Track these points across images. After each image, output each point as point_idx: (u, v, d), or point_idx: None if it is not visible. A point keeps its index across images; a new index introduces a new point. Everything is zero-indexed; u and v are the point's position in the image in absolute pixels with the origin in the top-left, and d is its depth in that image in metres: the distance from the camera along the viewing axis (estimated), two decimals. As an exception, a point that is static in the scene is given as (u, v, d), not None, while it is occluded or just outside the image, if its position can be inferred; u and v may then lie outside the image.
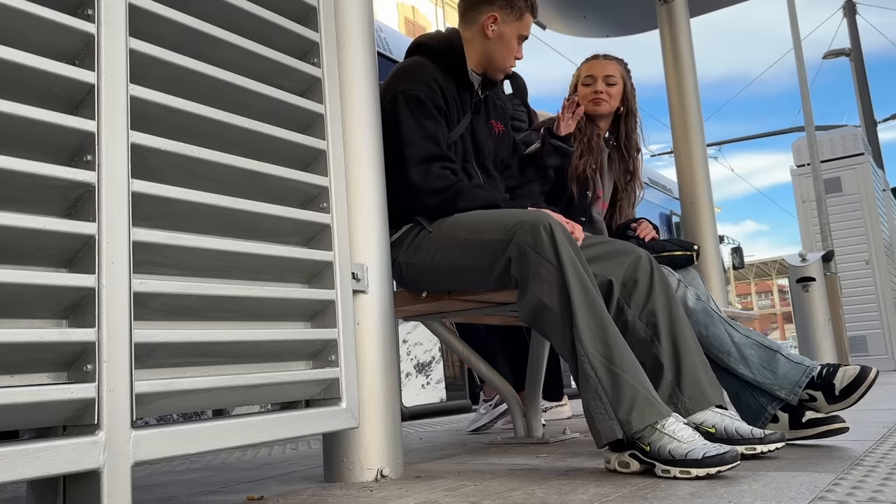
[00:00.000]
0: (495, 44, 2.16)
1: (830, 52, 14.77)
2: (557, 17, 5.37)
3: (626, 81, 2.69)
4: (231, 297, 1.27)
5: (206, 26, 1.29)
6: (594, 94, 2.63)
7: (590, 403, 1.55)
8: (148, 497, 1.74)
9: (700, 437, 1.48)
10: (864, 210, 8.29)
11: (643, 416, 1.49)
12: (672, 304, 1.81)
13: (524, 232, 1.71)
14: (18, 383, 1.00)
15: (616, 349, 1.56)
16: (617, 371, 1.53)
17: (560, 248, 1.65)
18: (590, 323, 1.58)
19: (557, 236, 1.67)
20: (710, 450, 1.43)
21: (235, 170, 1.31)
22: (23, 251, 1.02)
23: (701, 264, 4.30)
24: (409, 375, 4.72)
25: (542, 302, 1.65)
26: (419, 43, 2.21)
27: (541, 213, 1.76)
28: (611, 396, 1.52)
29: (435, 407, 4.83)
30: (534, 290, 1.66)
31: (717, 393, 1.73)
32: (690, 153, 4.40)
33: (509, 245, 1.73)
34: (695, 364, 1.73)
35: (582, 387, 1.57)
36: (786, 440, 1.69)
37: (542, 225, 1.69)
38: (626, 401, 1.50)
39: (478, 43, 2.16)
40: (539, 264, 1.66)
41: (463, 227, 1.89)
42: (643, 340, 1.78)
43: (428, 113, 2.01)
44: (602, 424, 1.52)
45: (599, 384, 1.53)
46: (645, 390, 1.53)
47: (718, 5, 5.27)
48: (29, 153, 1.02)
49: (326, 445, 1.67)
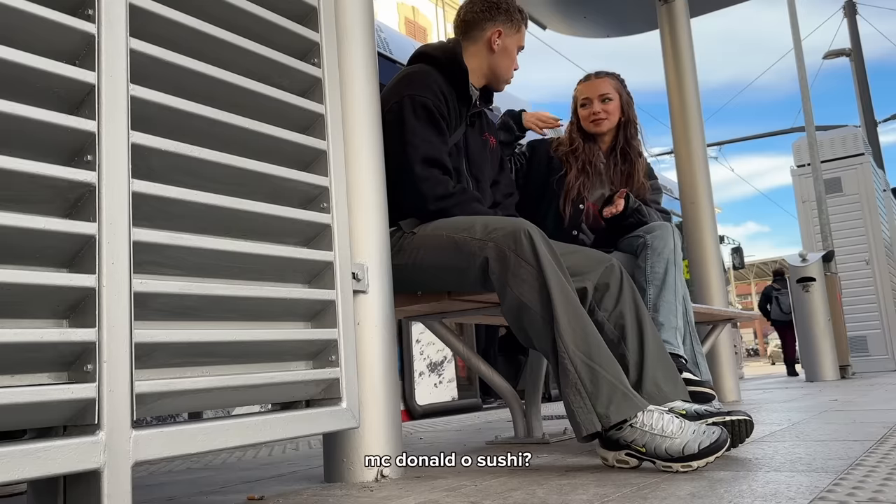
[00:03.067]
0: (500, 57, 2.26)
1: (831, 52, 14.78)
2: (557, 17, 5.37)
3: (622, 93, 2.78)
4: (231, 297, 1.27)
5: (206, 26, 1.29)
6: (593, 115, 2.74)
7: (570, 398, 1.62)
8: (148, 497, 1.74)
9: (688, 424, 1.55)
10: (865, 210, 8.30)
11: (620, 409, 1.57)
12: (639, 308, 1.92)
13: (505, 235, 1.78)
14: (19, 383, 1.00)
15: (594, 346, 1.65)
16: (595, 367, 1.62)
17: (539, 250, 1.72)
18: (570, 321, 1.66)
19: (536, 240, 1.74)
20: (703, 439, 1.50)
21: (236, 170, 1.31)
22: (23, 251, 1.02)
23: (701, 264, 4.31)
24: (422, 374, 4.81)
25: (521, 302, 1.71)
26: (424, 52, 2.26)
27: (521, 221, 1.83)
28: (590, 391, 1.60)
29: (447, 405, 4.95)
30: (513, 290, 1.73)
31: (675, 391, 1.80)
32: (691, 153, 4.41)
33: (487, 245, 1.79)
34: (655, 365, 1.82)
35: (562, 382, 1.65)
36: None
37: (521, 230, 1.76)
38: (604, 395, 1.59)
39: (483, 57, 2.26)
40: (518, 265, 1.73)
41: (446, 227, 1.94)
42: (611, 341, 1.87)
43: (434, 121, 2.06)
44: (581, 417, 1.60)
45: (579, 379, 1.61)
46: (622, 385, 1.62)
47: (719, 5, 5.28)
48: (29, 153, 1.02)
49: (327, 445, 1.67)
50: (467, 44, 2.27)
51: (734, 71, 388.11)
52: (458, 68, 2.18)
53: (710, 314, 3.43)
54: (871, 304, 8.18)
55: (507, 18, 2.25)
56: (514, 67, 2.30)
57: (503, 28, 2.25)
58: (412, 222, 2.01)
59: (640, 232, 2.58)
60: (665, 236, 2.49)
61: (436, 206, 1.99)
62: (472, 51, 2.25)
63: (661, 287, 2.43)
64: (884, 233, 8.43)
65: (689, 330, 2.48)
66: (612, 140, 2.78)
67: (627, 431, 1.57)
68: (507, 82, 2.33)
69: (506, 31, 2.25)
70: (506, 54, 2.26)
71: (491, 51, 2.24)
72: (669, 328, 2.36)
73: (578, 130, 2.78)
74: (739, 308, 14.64)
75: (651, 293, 2.43)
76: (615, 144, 2.77)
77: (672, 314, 2.39)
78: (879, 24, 17.68)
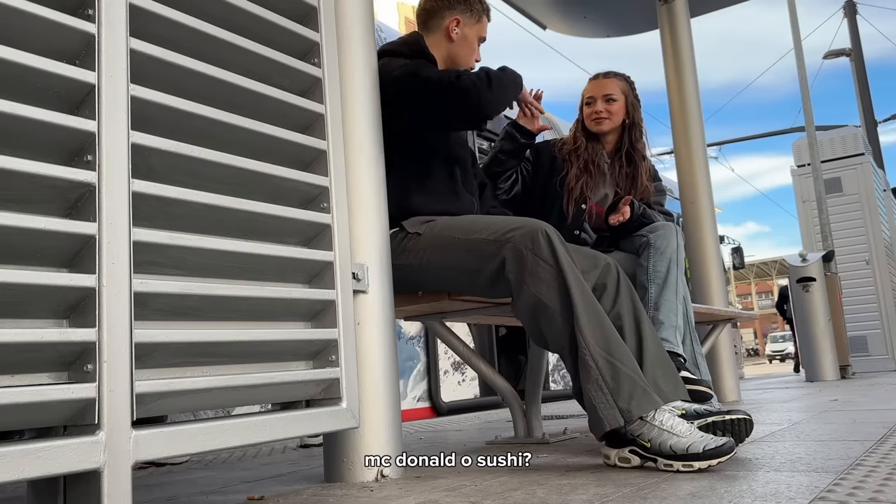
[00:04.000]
0: (459, 45, 2.26)
1: (831, 51, 14.78)
2: (558, 17, 5.37)
3: (629, 95, 2.78)
4: (231, 297, 1.27)
5: (206, 26, 1.29)
6: (595, 114, 2.75)
7: (592, 394, 1.63)
8: (148, 497, 1.74)
9: (696, 429, 1.57)
10: (865, 210, 8.29)
11: (641, 404, 1.59)
12: (637, 308, 1.92)
13: (522, 235, 1.78)
14: (19, 383, 1.00)
15: (614, 343, 1.67)
16: (616, 363, 1.63)
17: (557, 249, 1.74)
18: (590, 318, 1.68)
19: (554, 240, 1.76)
20: (709, 442, 1.51)
21: (236, 170, 1.31)
22: (23, 251, 1.02)
23: (701, 264, 4.32)
24: (447, 373, 4.90)
25: (539, 300, 1.72)
26: (386, 50, 2.22)
27: (537, 221, 1.83)
28: (611, 387, 1.61)
29: (470, 402, 5.05)
30: (531, 289, 1.73)
31: (674, 390, 1.79)
32: (691, 153, 4.40)
33: (504, 246, 1.79)
34: (655, 365, 1.82)
35: (583, 378, 1.65)
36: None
37: (539, 230, 1.77)
38: (625, 391, 1.60)
39: (442, 46, 2.26)
40: (536, 265, 1.74)
41: (457, 228, 1.93)
42: None
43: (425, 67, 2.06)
44: (605, 412, 1.61)
45: (600, 375, 1.63)
46: (641, 381, 1.64)
47: (719, 5, 5.27)
48: (29, 153, 1.02)
49: (327, 445, 1.67)
50: (427, 34, 2.26)
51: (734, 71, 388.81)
52: (425, 59, 2.17)
53: (710, 314, 3.43)
54: (871, 304, 8.17)
55: (465, 7, 2.25)
56: (476, 59, 2.30)
57: (461, 17, 2.24)
58: (416, 223, 2.00)
59: (643, 231, 2.59)
60: (668, 236, 2.50)
61: (488, 96, 1.97)
62: (431, 40, 2.25)
63: (662, 286, 2.44)
64: (884, 233, 8.42)
65: (690, 330, 2.48)
66: (616, 141, 2.79)
67: (636, 424, 1.58)
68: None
69: (464, 20, 2.24)
70: (465, 43, 2.25)
71: (450, 39, 2.24)
72: (669, 327, 2.36)
73: (583, 130, 2.79)
74: (739, 308, 14.64)
75: (652, 291, 2.44)
76: (620, 146, 2.78)
77: (672, 313, 2.39)
78: (879, 24, 17.67)
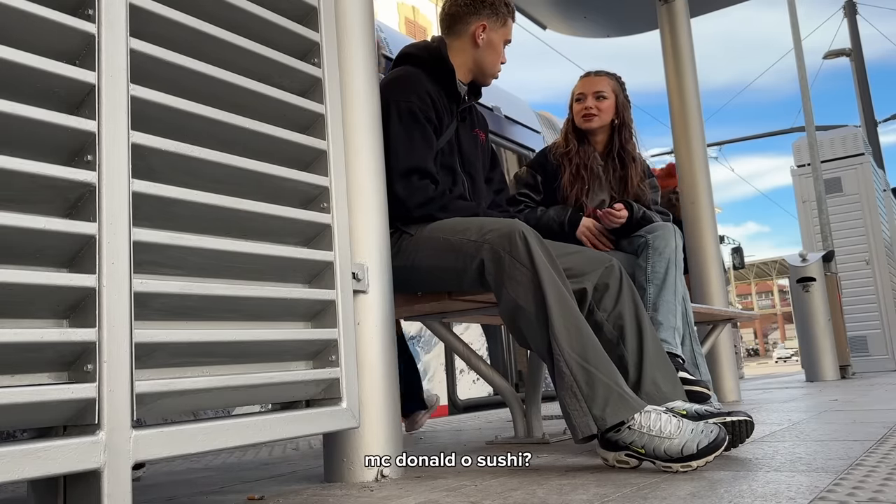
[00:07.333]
0: (485, 51, 2.23)
1: (831, 51, 14.77)
2: (557, 17, 5.37)
3: (619, 94, 2.78)
4: (231, 298, 1.27)
5: (206, 26, 1.29)
6: (585, 110, 2.74)
7: (566, 400, 1.62)
8: (148, 497, 1.74)
9: (686, 423, 1.53)
10: (865, 210, 8.29)
11: (616, 411, 1.56)
12: (638, 309, 1.92)
13: (500, 237, 1.77)
14: (19, 383, 1.00)
15: (590, 348, 1.64)
16: (591, 369, 1.60)
17: (534, 252, 1.71)
18: (565, 323, 1.65)
19: (531, 241, 1.73)
20: (702, 439, 1.49)
21: (236, 170, 1.31)
22: (23, 251, 1.02)
23: (701, 264, 4.31)
24: (463, 372, 4.97)
25: (517, 304, 1.71)
26: (408, 53, 2.23)
27: (515, 222, 1.82)
28: (585, 393, 1.59)
29: (484, 400, 5.13)
30: (509, 292, 1.73)
31: (674, 391, 1.80)
32: (691, 153, 4.40)
33: (482, 247, 1.79)
34: (654, 365, 1.82)
35: (558, 384, 1.64)
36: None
37: (516, 231, 1.75)
38: (599, 397, 1.58)
39: (468, 52, 2.23)
40: (513, 267, 1.72)
41: (444, 228, 1.94)
42: (609, 341, 1.86)
43: (418, 124, 2.04)
44: (577, 420, 1.59)
45: (574, 382, 1.60)
46: (618, 387, 1.60)
47: (719, 5, 5.27)
48: (29, 153, 1.02)
49: (327, 445, 1.67)
50: (452, 39, 2.24)
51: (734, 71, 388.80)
52: (444, 67, 2.16)
53: (710, 314, 3.43)
54: (871, 304, 8.17)
55: (491, 12, 2.22)
56: (502, 61, 2.28)
57: (488, 22, 2.22)
58: (409, 223, 2.01)
59: (641, 232, 2.59)
60: (667, 236, 2.50)
61: (419, 212, 2.00)
62: (456, 46, 2.23)
63: (661, 286, 2.43)
64: (884, 233, 8.42)
65: (689, 331, 2.48)
66: (606, 142, 2.78)
67: (626, 433, 1.56)
68: (494, 77, 2.31)
69: (490, 25, 2.22)
70: (491, 48, 2.23)
71: (476, 45, 2.22)
72: (668, 327, 2.36)
73: (573, 130, 2.79)
74: (739, 308, 14.63)
75: (651, 292, 2.44)
76: (611, 148, 2.77)
77: (671, 313, 2.39)
78: (879, 24, 17.66)
